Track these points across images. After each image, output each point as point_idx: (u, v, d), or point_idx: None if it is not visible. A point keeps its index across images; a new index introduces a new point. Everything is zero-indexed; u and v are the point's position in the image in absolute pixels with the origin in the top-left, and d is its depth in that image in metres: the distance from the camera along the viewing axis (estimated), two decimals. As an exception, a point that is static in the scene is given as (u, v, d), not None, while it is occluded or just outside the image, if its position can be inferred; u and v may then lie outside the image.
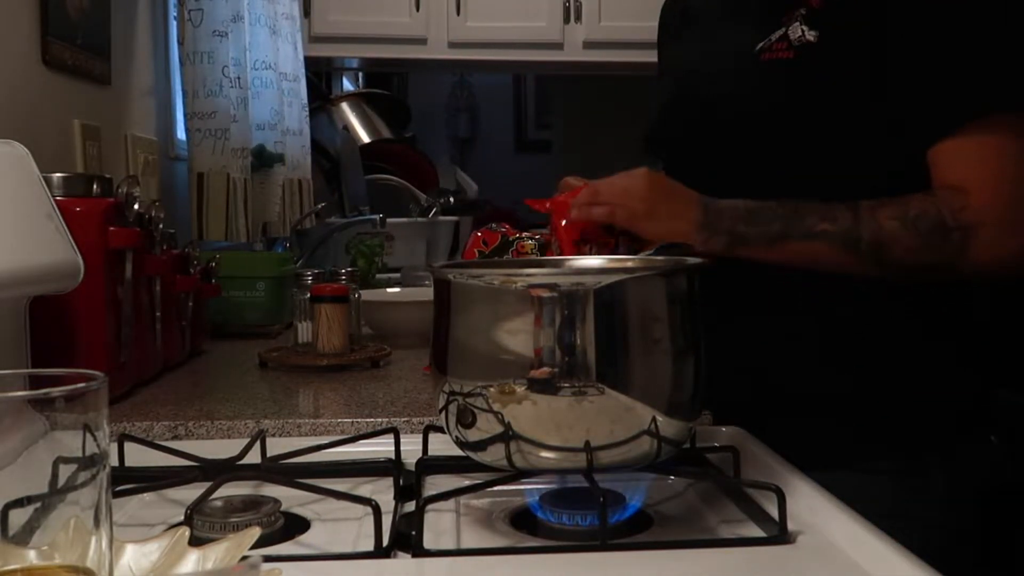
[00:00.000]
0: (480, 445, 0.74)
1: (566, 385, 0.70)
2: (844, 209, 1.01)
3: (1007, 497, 1.07)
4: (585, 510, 0.73)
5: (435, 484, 0.84)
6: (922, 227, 0.99)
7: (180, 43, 1.93)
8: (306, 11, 2.75)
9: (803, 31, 1.05)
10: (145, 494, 0.83)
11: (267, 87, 2.18)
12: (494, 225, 1.30)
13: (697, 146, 1.16)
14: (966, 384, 1.08)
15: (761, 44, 1.08)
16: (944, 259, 1.00)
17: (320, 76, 3.37)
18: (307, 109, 2.47)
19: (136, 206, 1.17)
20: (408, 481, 0.84)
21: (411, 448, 0.91)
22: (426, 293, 0.91)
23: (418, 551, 0.68)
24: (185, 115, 1.95)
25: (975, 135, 0.99)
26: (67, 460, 0.51)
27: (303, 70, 2.46)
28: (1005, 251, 0.99)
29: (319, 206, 2.48)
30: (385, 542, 0.69)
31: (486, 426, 0.73)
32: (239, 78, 1.99)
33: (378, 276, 2.33)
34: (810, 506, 0.77)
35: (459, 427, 0.75)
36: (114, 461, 0.84)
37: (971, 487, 1.08)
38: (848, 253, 1.01)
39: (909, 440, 1.06)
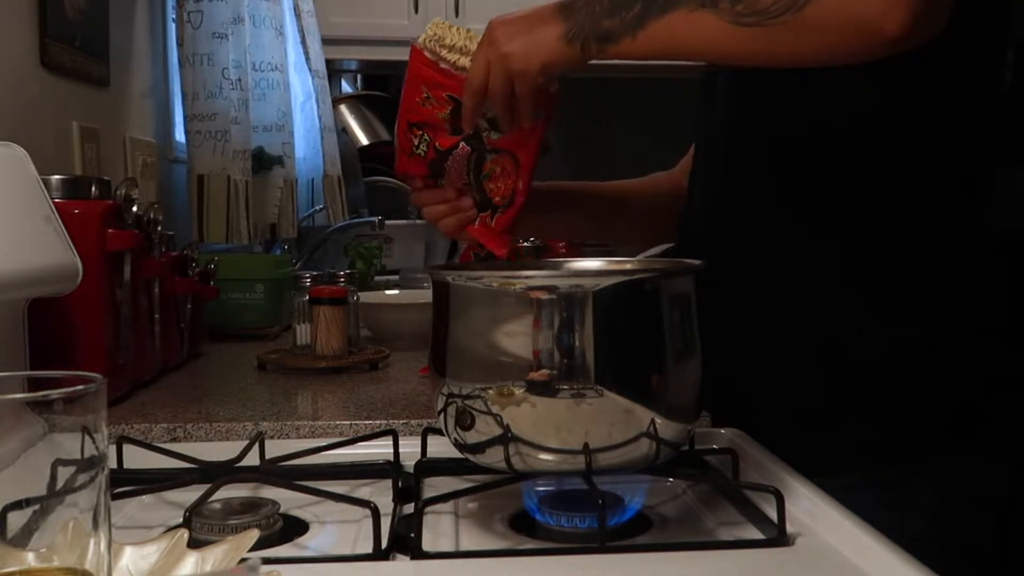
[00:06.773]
0: (479, 447, 0.74)
1: (565, 387, 0.70)
2: None
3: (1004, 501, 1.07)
4: (584, 512, 0.73)
5: (434, 486, 0.84)
6: None
7: (179, 45, 1.92)
8: (305, 13, 2.76)
9: None
10: (144, 496, 0.83)
11: (273, 88, 2.18)
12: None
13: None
14: (957, 392, 1.07)
15: None
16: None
17: (318, 78, 3.38)
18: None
19: (135, 208, 1.17)
20: (407, 483, 0.84)
21: (410, 450, 0.91)
22: (424, 295, 0.91)
23: (417, 553, 0.68)
24: (184, 117, 1.95)
25: None
26: (66, 462, 0.51)
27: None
28: None
29: (319, 207, 2.49)
30: (384, 544, 0.69)
31: (485, 428, 0.73)
32: (240, 80, 1.99)
33: (376, 278, 2.33)
34: (809, 508, 0.76)
35: (458, 429, 0.75)
36: (113, 463, 0.84)
37: (968, 489, 1.08)
38: (715, 18, 0.82)
39: (906, 443, 1.06)
